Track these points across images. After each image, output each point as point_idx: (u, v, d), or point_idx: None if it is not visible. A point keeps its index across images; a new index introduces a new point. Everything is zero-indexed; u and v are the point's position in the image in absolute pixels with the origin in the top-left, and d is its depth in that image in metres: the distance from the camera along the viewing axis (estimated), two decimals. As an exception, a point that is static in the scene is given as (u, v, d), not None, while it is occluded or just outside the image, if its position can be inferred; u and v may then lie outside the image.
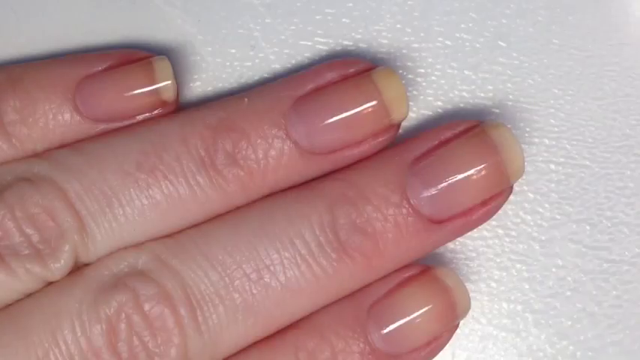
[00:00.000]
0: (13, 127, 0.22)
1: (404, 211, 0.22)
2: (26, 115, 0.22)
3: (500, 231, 0.25)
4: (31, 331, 0.21)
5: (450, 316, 0.22)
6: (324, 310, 0.22)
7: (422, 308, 0.22)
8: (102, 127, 0.23)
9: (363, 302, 0.22)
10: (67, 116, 0.22)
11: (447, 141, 0.22)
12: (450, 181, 0.22)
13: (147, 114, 0.23)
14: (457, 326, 0.22)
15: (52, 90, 0.22)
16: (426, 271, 0.22)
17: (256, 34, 0.25)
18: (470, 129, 0.22)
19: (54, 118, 0.22)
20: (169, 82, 0.22)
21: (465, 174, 0.21)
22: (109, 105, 0.22)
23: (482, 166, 0.21)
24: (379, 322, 0.22)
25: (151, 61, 0.23)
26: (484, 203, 0.22)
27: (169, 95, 0.23)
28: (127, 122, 0.23)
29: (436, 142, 0.22)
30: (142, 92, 0.22)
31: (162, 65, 0.23)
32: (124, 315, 0.21)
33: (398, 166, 0.22)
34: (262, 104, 0.22)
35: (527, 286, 0.24)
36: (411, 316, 0.21)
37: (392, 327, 0.22)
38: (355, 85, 0.22)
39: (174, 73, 0.23)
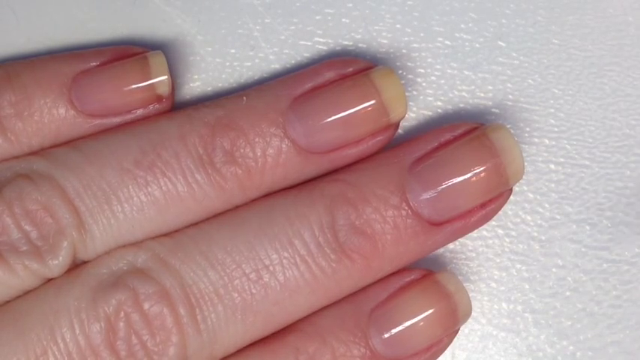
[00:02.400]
0: (9, 120, 0.22)
1: (403, 212, 0.22)
2: (21, 109, 0.22)
3: (500, 231, 0.24)
4: (29, 329, 0.21)
5: (451, 320, 0.22)
6: (325, 313, 0.22)
7: (423, 313, 0.22)
8: (97, 122, 0.23)
9: (364, 306, 0.22)
10: (62, 111, 0.22)
11: (447, 143, 0.22)
12: (449, 184, 0.22)
13: (142, 109, 0.23)
14: (457, 331, 0.22)
15: (47, 85, 0.22)
16: (427, 275, 0.22)
17: (256, 34, 0.25)
18: (470, 131, 0.22)
19: (49, 112, 0.22)
20: (165, 77, 0.22)
21: (465, 176, 0.22)
22: (104, 100, 0.22)
23: (482, 168, 0.21)
24: (380, 327, 0.22)
25: (146, 56, 0.23)
26: (483, 205, 0.22)
27: (164, 90, 0.23)
28: (121, 118, 0.23)
29: (436, 144, 0.22)
30: (137, 87, 0.22)
31: (157, 60, 0.23)
32: (122, 313, 0.21)
33: (397, 167, 0.22)
34: (261, 103, 0.22)
35: (527, 286, 0.24)
36: (412, 321, 0.21)
37: (393, 331, 0.22)
38: (354, 85, 0.22)
39: (169, 68, 0.23)
